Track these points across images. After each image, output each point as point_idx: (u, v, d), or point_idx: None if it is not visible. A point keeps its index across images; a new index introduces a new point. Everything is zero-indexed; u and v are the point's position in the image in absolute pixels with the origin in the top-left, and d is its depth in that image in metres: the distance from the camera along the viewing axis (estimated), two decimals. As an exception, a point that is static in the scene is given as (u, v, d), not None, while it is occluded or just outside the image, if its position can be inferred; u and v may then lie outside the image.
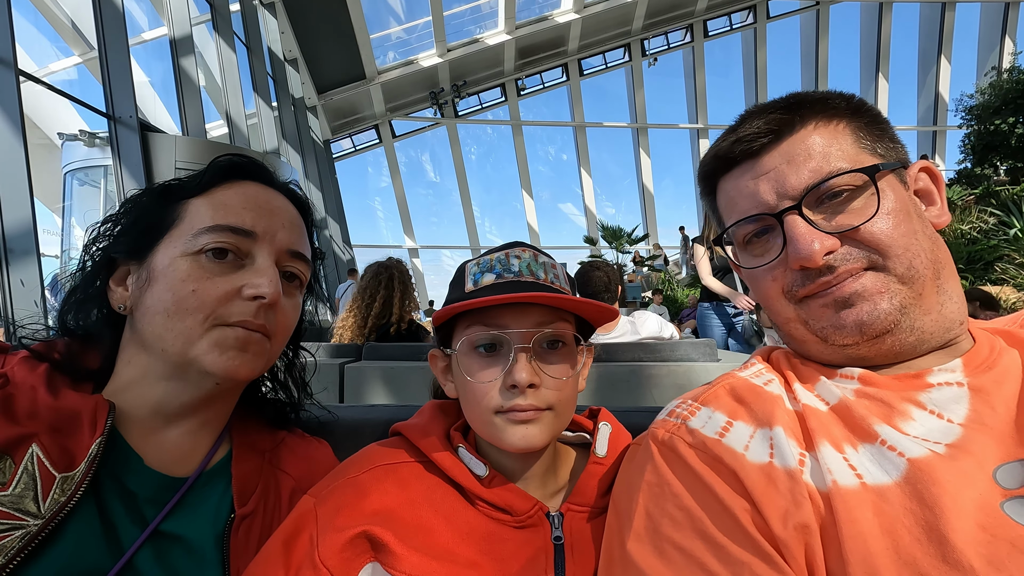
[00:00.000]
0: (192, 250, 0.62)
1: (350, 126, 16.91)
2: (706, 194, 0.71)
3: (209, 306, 0.61)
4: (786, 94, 0.63)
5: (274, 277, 0.64)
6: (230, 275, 0.63)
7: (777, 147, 0.60)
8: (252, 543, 0.64)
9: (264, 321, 0.64)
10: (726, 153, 0.64)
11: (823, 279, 0.57)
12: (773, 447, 0.53)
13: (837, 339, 0.58)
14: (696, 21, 17.82)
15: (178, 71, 6.72)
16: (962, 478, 0.45)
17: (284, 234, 0.68)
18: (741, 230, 0.64)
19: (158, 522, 0.59)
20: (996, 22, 18.19)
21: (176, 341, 0.61)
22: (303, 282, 0.73)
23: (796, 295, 0.60)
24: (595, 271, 2.36)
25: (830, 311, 0.58)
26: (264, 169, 0.73)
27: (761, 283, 0.64)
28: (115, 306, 0.65)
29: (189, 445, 0.67)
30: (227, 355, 0.62)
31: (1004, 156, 10.40)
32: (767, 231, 0.62)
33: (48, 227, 6.10)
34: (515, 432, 0.61)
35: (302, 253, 0.71)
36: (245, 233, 0.64)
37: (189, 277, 0.61)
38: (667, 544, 0.51)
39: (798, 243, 0.57)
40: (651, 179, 19.56)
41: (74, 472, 0.54)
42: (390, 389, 2.14)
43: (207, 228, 0.63)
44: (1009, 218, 8.11)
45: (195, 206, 0.65)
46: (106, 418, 0.58)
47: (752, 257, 0.65)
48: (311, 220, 0.79)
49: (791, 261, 0.58)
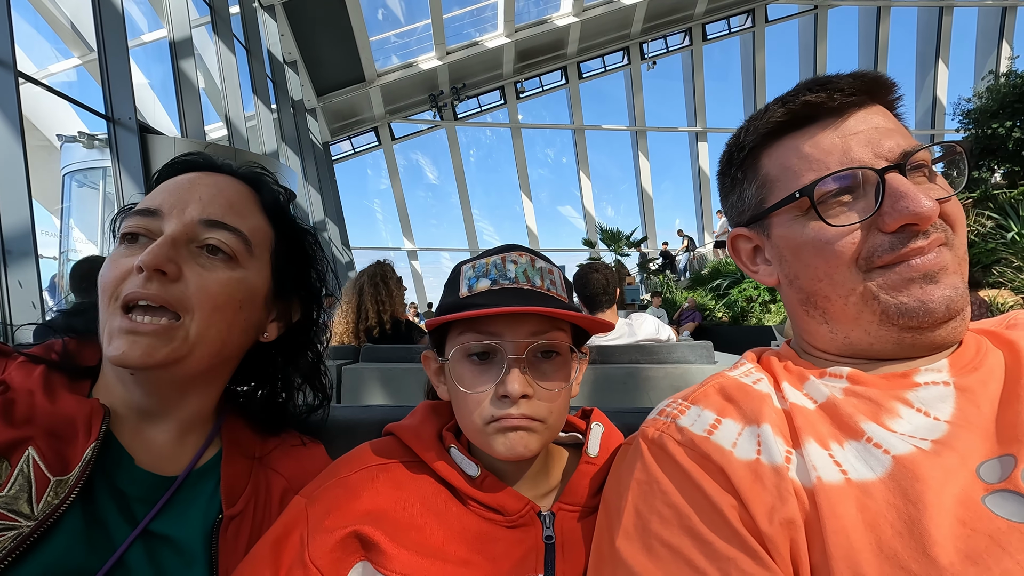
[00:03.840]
0: (116, 243, 0.65)
1: (349, 128, 16.93)
2: (747, 160, 0.66)
3: (110, 286, 0.61)
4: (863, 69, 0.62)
5: (157, 246, 0.60)
6: (134, 256, 0.62)
7: (861, 111, 0.59)
8: (241, 543, 0.64)
9: (160, 292, 0.60)
10: (818, 103, 0.59)
11: (917, 243, 0.55)
12: (760, 444, 0.53)
13: (917, 316, 0.55)
14: (695, 25, 17.88)
15: (177, 73, 6.73)
16: (945, 474, 0.46)
17: (196, 206, 0.65)
18: (824, 187, 0.58)
19: (148, 521, 0.60)
20: (994, 26, 18.26)
21: (102, 332, 0.62)
22: (234, 254, 0.66)
23: (874, 262, 0.57)
24: (594, 273, 2.36)
25: (916, 285, 0.55)
26: (207, 159, 0.72)
27: (831, 248, 0.58)
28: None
29: (176, 445, 0.67)
30: (114, 343, 0.59)
31: (1001, 160, 10.41)
32: (846, 193, 0.58)
33: (47, 228, 6.10)
34: (506, 441, 0.61)
35: (223, 222, 0.65)
36: (150, 213, 0.64)
37: (107, 264, 0.63)
38: (655, 541, 0.51)
39: (912, 198, 0.54)
40: (650, 182, 19.61)
41: (68, 476, 0.55)
42: (387, 390, 2.14)
43: (121, 213, 0.66)
44: (1007, 221, 8.12)
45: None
46: (101, 423, 0.59)
47: (832, 218, 0.59)
48: (272, 193, 0.74)
49: (893, 219, 0.55)
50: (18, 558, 0.50)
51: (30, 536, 0.51)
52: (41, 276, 3.87)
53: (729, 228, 0.75)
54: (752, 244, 0.70)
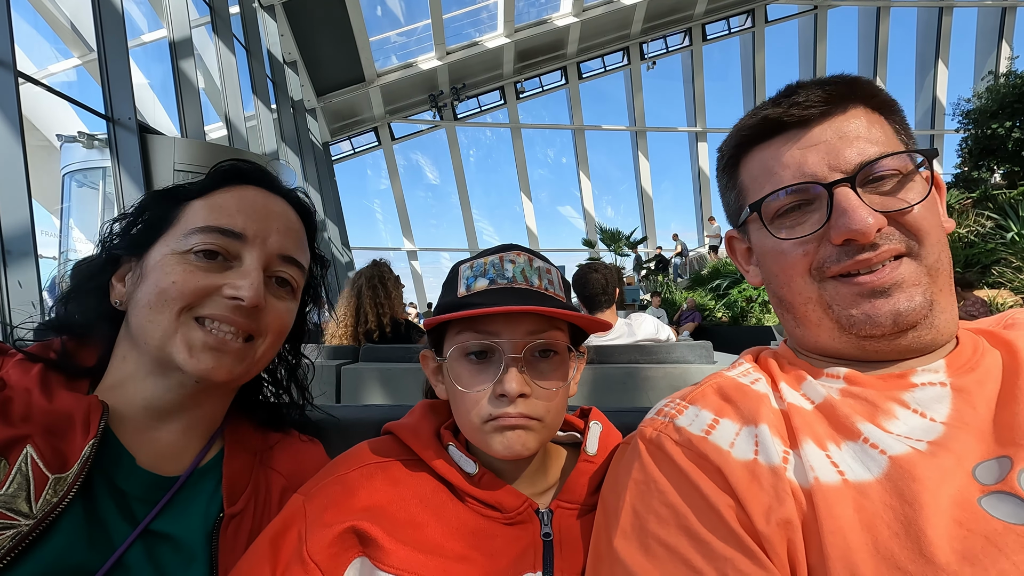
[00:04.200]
0: (182, 249, 0.64)
1: (349, 128, 16.93)
2: (729, 167, 0.69)
3: (186, 297, 0.62)
4: (839, 73, 0.62)
5: (256, 280, 0.64)
6: (214, 274, 0.64)
7: (829, 120, 0.59)
8: (241, 541, 0.64)
9: (246, 321, 0.65)
10: (777, 118, 0.61)
11: (864, 256, 0.56)
12: (758, 445, 0.53)
13: (865, 328, 0.57)
14: (695, 25, 17.88)
15: (177, 73, 6.73)
16: (942, 474, 0.46)
17: (276, 238, 0.68)
18: (776, 202, 0.61)
19: (148, 521, 0.60)
20: (993, 26, 18.26)
21: (156, 333, 0.62)
22: (296, 288, 0.73)
23: (826, 272, 0.59)
24: (593, 273, 2.36)
25: (863, 299, 0.57)
26: (266, 174, 0.74)
27: (787, 257, 0.62)
28: (113, 301, 0.67)
29: (181, 444, 0.67)
30: (197, 357, 0.62)
31: (1001, 160, 10.43)
32: (805, 205, 0.60)
33: (46, 228, 6.09)
34: (504, 440, 0.61)
35: (295, 259, 0.71)
36: (234, 235, 0.65)
37: (173, 271, 0.63)
38: (652, 540, 0.51)
39: (851, 215, 0.55)
40: (649, 182, 19.61)
41: (67, 473, 0.55)
42: (386, 390, 2.14)
43: (198, 228, 0.64)
44: (1006, 222, 8.13)
45: (193, 208, 0.67)
46: (99, 419, 0.59)
47: (782, 230, 0.62)
48: (314, 226, 0.79)
49: (836, 233, 0.57)
50: (17, 557, 0.50)
51: (29, 535, 0.51)
52: (41, 276, 3.87)
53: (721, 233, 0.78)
54: (745, 245, 0.72)
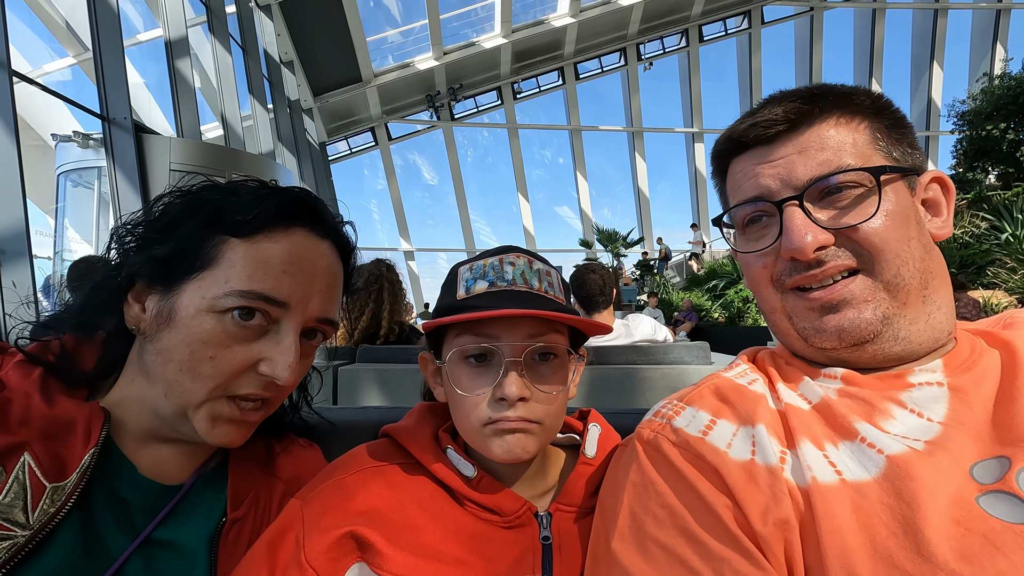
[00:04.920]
0: (219, 308, 0.59)
1: (346, 128, 16.90)
2: (717, 174, 0.71)
3: (222, 376, 0.60)
4: (812, 84, 0.63)
5: (294, 360, 0.62)
6: (251, 343, 0.61)
7: (791, 137, 0.60)
8: (241, 547, 0.64)
9: (269, 393, 0.64)
10: (740, 136, 0.63)
11: (812, 271, 0.58)
12: (755, 445, 0.53)
13: (817, 342, 0.59)
14: (691, 26, 17.92)
15: (173, 73, 6.70)
16: (939, 474, 0.46)
17: (318, 301, 0.65)
18: (741, 212, 0.64)
19: (149, 531, 0.59)
20: (988, 28, 18.37)
21: (180, 398, 0.60)
22: (326, 338, 0.71)
23: (784, 284, 0.61)
24: (590, 274, 2.36)
25: (814, 314, 0.59)
26: (317, 211, 0.68)
27: (752, 268, 0.65)
28: (128, 323, 0.63)
29: (184, 459, 0.66)
30: (218, 428, 0.62)
31: (996, 161, 10.49)
32: (765, 218, 0.63)
33: (41, 228, 6.06)
34: (503, 443, 0.61)
35: (332, 320, 0.69)
36: (277, 303, 0.61)
37: (211, 340, 0.59)
38: (650, 542, 0.51)
39: (792, 234, 0.57)
40: (646, 182, 19.63)
41: (65, 482, 0.53)
42: (384, 391, 2.14)
43: (240, 292, 0.59)
44: (1000, 223, 8.17)
45: (235, 252, 0.60)
46: (100, 428, 0.57)
47: (748, 242, 0.65)
48: (352, 267, 0.76)
49: (783, 250, 0.59)
50: (12, 569, 0.49)
51: (25, 546, 0.50)
52: (35, 276, 3.85)
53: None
54: None
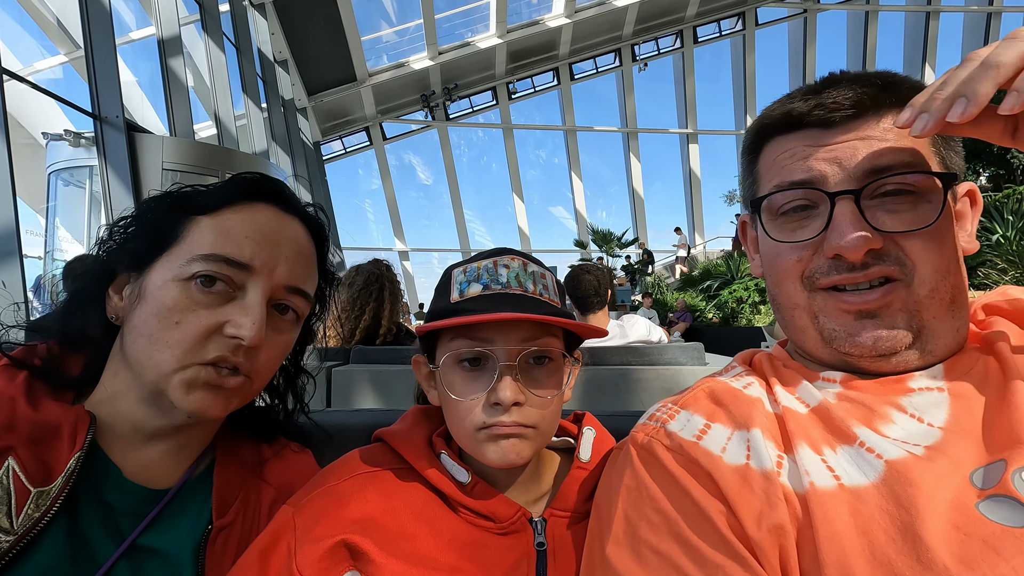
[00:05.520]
0: (184, 276, 0.60)
1: (340, 128, 16.84)
2: (750, 151, 0.66)
3: (190, 341, 0.59)
4: (882, 70, 0.58)
5: (259, 319, 0.61)
6: (216, 308, 0.61)
7: (856, 123, 0.56)
8: (229, 554, 0.63)
9: (243, 360, 0.62)
10: (799, 114, 0.58)
11: (851, 274, 0.55)
12: (750, 449, 0.53)
13: (845, 347, 0.57)
14: (686, 27, 17.97)
15: (166, 71, 6.66)
16: (938, 479, 0.46)
17: (284, 268, 0.65)
18: (781, 197, 0.59)
19: (135, 536, 0.58)
20: (979, 30, 18.53)
21: (152, 370, 0.59)
22: (300, 316, 0.70)
23: (816, 283, 0.58)
24: (585, 275, 2.36)
25: (848, 317, 0.56)
26: (282, 191, 0.70)
27: (781, 261, 0.60)
28: (109, 315, 0.64)
29: (171, 459, 0.65)
30: (194, 395, 0.60)
31: (986, 163, 10.57)
32: (808, 208, 0.58)
33: (32, 228, 6.00)
34: (498, 448, 0.60)
35: (302, 289, 0.68)
36: (239, 265, 0.62)
37: (176, 306, 0.59)
38: (644, 547, 0.51)
39: (843, 231, 0.53)
40: (641, 183, 19.67)
41: (50, 487, 0.53)
42: (378, 393, 2.13)
43: (202, 256, 0.61)
44: (991, 224, 8.23)
45: (200, 226, 0.63)
46: (86, 432, 0.57)
47: (781, 230, 0.60)
48: (326, 248, 0.76)
49: (828, 246, 0.55)
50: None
51: (9, 552, 0.49)
52: (26, 276, 3.82)
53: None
54: (755, 232, 0.69)
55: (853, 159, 0.55)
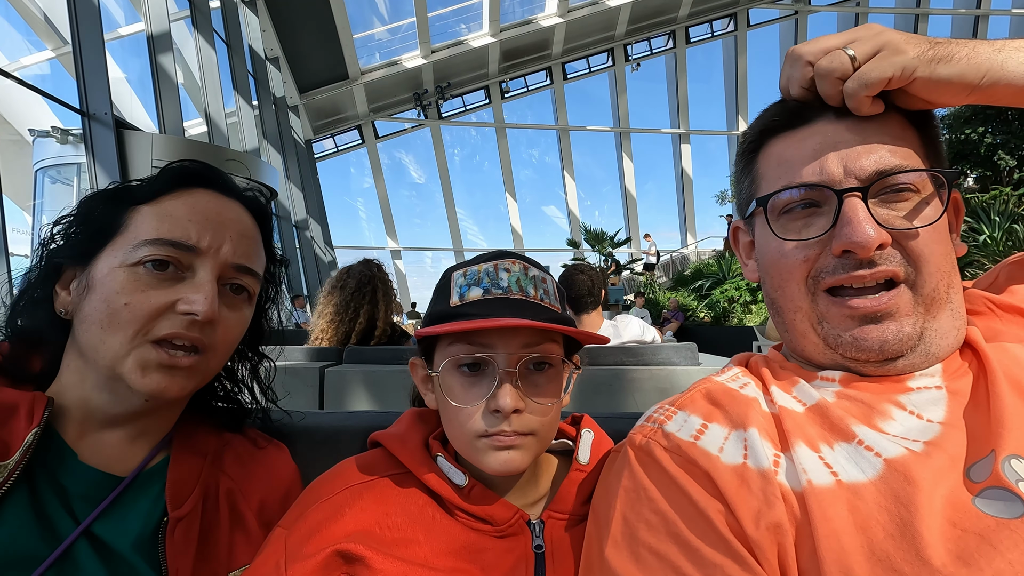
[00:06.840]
0: (131, 261, 0.61)
1: (332, 126, 16.75)
2: (750, 151, 0.66)
3: (140, 320, 0.60)
4: None
5: (211, 294, 0.63)
6: (167, 288, 0.62)
7: (859, 121, 0.57)
8: (191, 543, 0.63)
9: (199, 335, 0.63)
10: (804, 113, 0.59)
11: (859, 272, 0.55)
12: (747, 449, 0.53)
13: (850, 351, 0.57)
14: (678, 27, 18.04)
15: (156, 68, 6.59)
16: (936, 475, 0.47)
17: (230, 247, 0.66)
18: (785, 196, 0.59)
19: (90, 521, 0.59)
20: (967, 33, 18.76)
21: (107, 355, 0.60)
22: (252, 294, 0.72)
23: (821, 283, 0.58)
24: (579, 275, 2.37)
25: (853, 322, 0.56)
26: (219, 176, 0.71)
27: (787, 260, 0.60)
28: (58, 310, 0.65)
29: (127, 448, 0.66)
30: (149, 377, 0.61)
31: (974, 165, 10.71)
32: (814, 206, 0.58)
33: (18, 225, 5.92)
34: (497, 457, 0.60)
35: (250, 267, 0.69)
36: (187, 248, 0.63)
37: (124, 289, 0.60)
38: (643, 549, 0.51)
39: (855, 227, 0.53)
40: (633, 183, 19.72)
41: (8, 461, 0.55)
42: (372, 394, 2.12)
43: (148, 240, 0.62)
44: (979, 225, 8.34)
45: (141, 215, 0.64)
46: (43, 411, 0.58)
47: (786, 230, 0.60)
48: (270, 228, 0.77)
49: (837, 243, 0.55)
50: None
51: None
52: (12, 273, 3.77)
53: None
54: (748, 238, 0.69)
55: (859, 156, 0.56)
